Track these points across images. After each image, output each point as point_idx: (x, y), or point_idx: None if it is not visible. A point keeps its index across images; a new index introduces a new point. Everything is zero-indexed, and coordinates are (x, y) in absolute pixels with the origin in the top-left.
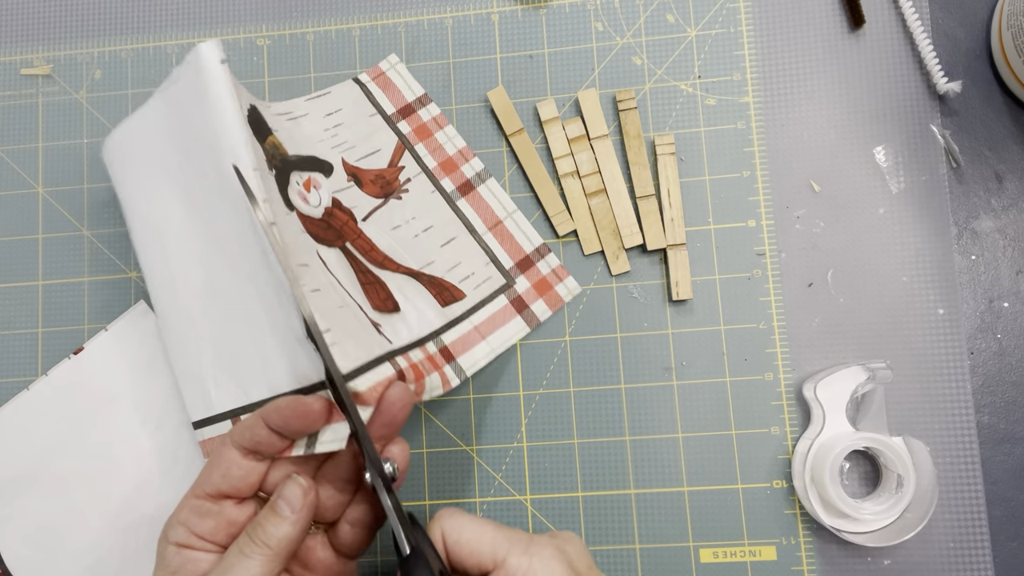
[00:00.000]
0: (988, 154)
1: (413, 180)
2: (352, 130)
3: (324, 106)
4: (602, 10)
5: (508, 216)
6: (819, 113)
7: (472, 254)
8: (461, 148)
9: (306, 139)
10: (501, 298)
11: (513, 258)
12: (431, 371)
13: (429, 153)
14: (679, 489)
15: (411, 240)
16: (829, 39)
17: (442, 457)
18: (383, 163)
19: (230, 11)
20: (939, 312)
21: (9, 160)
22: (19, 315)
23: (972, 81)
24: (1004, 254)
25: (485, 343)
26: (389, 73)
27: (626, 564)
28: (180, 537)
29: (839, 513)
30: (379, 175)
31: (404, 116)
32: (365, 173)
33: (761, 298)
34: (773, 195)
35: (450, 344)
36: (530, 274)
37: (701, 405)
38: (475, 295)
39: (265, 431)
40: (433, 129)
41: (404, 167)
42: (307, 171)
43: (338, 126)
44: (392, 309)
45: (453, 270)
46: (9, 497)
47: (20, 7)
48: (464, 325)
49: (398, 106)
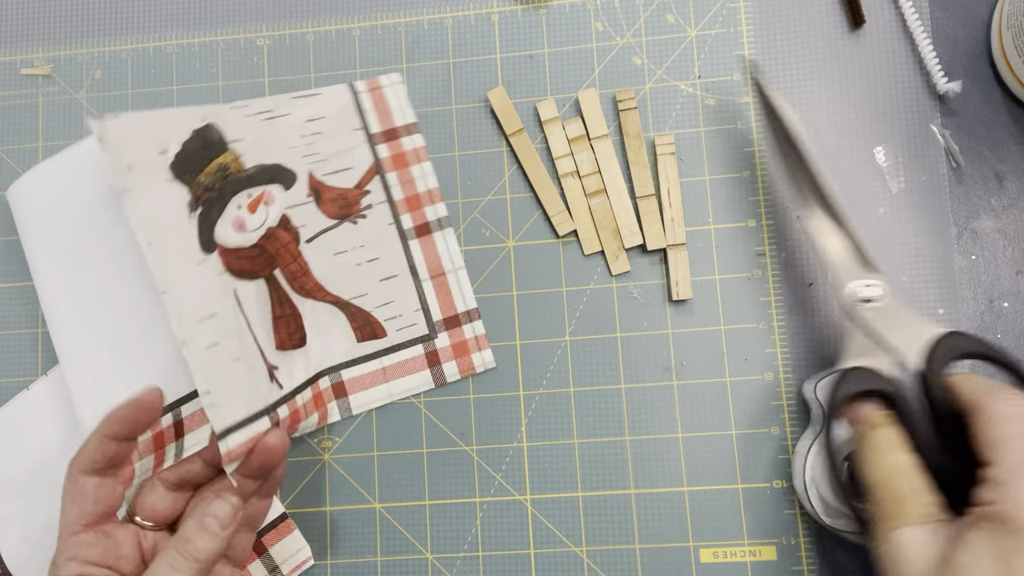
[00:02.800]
0: (988, 154)
1: (375, 208)
2: (329, 142)
3: (309, 110)
4: (602, 10)
5: (453, 271)
6: (819, 113)
7: (407, 296)
8: (432, 189)
9: (277, 143)
10: (418, 347)
11: (443, 313)
12: (311, 413)
13: (399, 184)
14: (679, 489)
15: (352, 268)
16: (829, 39)
17: (442, 457)
18: (351, 183)
19: (230, 11)
20: (939, 312)
21: (9, 160)
22: (19, 315)
23: (972, 81)
24: (1004, 254)
25: (387, 386)
26: (387, 90)
27: (626, 564)
28: (73, 571)
29: (838, 513)
30: (342, 195)
31: (387, 139)
32: (328, 190)
33: (761, 298)
34: (773, 195)
35: (348, 380)
36: (453, 334)
37: (701, 405)
38: (395, 337)
39: (112, 444)
40: (411, 161)
41: (370, 192)
42: (263, 184)
43: (316, 135)
44: (297, 344)
45: (383, 307)
46: (9, 497)
47: (20, 7)
48: (372, 364)
49: (384, 127)
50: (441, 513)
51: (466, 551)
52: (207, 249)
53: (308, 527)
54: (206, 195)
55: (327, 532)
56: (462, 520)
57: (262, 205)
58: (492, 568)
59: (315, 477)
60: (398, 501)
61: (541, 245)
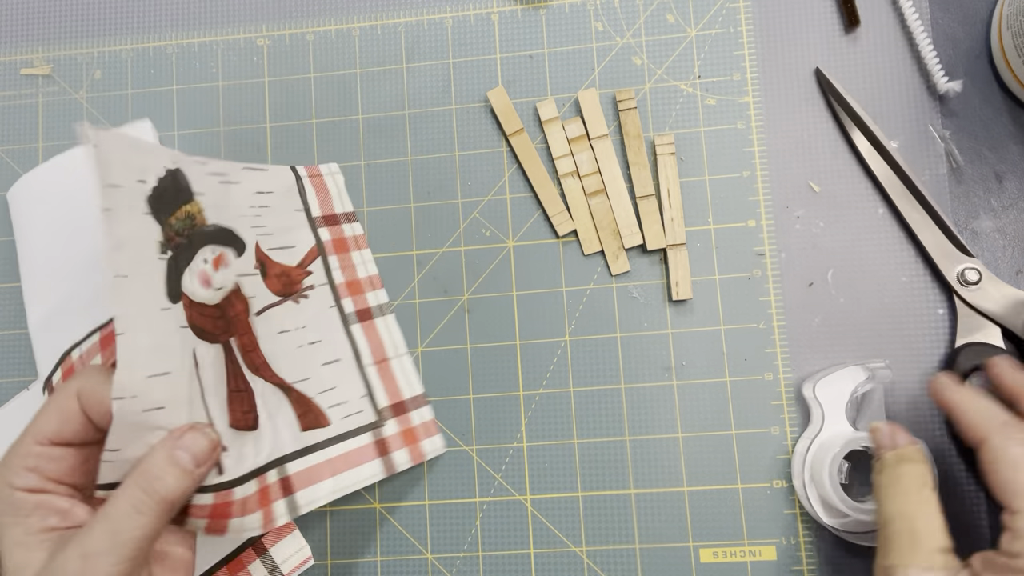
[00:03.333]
0: (988, 154)
1: (316, 289)
2: (275, 218)
3: (258, 182)
4: (602, 10)
5: (396, 357)
6: (819, 113)
7: (351, 382)
8: (372, 275)
9: (231, 208)
10: (367, 435)
11: (390, 399)
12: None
13: (340, 268)
14: (679, 489)
15: (294, 350)
16: (829, 39)
17: (442, 457)
18: (293, 260)
19: (230, 11)
20: (939, 312)
21: (9, 160)
22: (19, 315)
23: (972, 81)
24: (1004, 254)
25: (332, 480)
26: (327, 179)
27: (626, 564)
28: (32, 483)
29: (838, 513)
30: (285, 271)
31: (328, 224)
32: (273, 265)
33: (761, 298)
34: (773, 195)
35: (294, 475)
36: (402, 420)
37: (701, 405)
38: (340, 426)
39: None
40: (351, 247)
41: (312, 272)
42: (221, 245)
43: (264, 208)
44: (250, 426)
45: (326, 393)
46: None
47: (20, 7)
48: (316, 456)
49: (325, 212)
50: (441, 513)
51: (466, 551)
52: (173, 298)
53: (308, 527)
54: (177, 239)
55: (327, 532)
56: (462, 520)
57: (222, 267)
58: (492, 568)
59: None
60: (398, 501)
61: (541, 245)
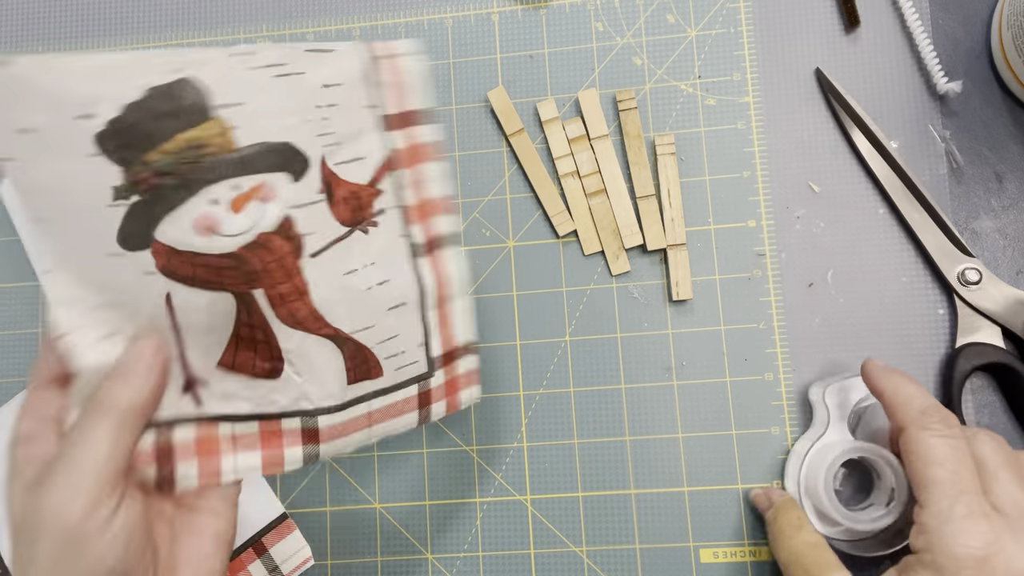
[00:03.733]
0: (988, 154)
1: (386, 213)
2: (344, 119)
3: (324, 71)
4: (602, 10)
5: (458, 296)
6: (819, 113)
7: (411, 330)
8: (445, 195)
9: (287, 113)
10: (413, 388)
11: (443, 347)
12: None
13: (412, 185)
14: (679, 489)
15: (362, 293)
16: (829, 39)
17: (442, 457)
18: (364, 177)
19: (230, 11)
20: (939, 312)
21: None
22: (19, 315)
23: (972, 81)
24: (1004, 254)
25: (367, 431)
26: (406, 60)
27: (626, 564)
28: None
29: (830, 521)
30: (354, 192)
31: (402, 125)
32: (341, 185)
33: (761, 298)
34: (773, 195)
35: (324, 428)
36: (448, 370)
37: (701, 405)
38: (391, 378)
39: None
40: (427, 156)
41: (382, 192)
42: (262, 172)
43: (331, 107)
44: (263, 374)
45: (386, 343)
46: None
47: (20, 7)
48: (356, 409)
49: (400, 108)
50: (441, 513)
51: (466, 551)
52: (129, 245)
53: (308, 527)
54: (155, 180)
55: (327, 532)
56: (462, 520)
57: (255, 202)
58: (492, 568)
59: (315, 477)
60: (398, 501)
61: (541, 245)
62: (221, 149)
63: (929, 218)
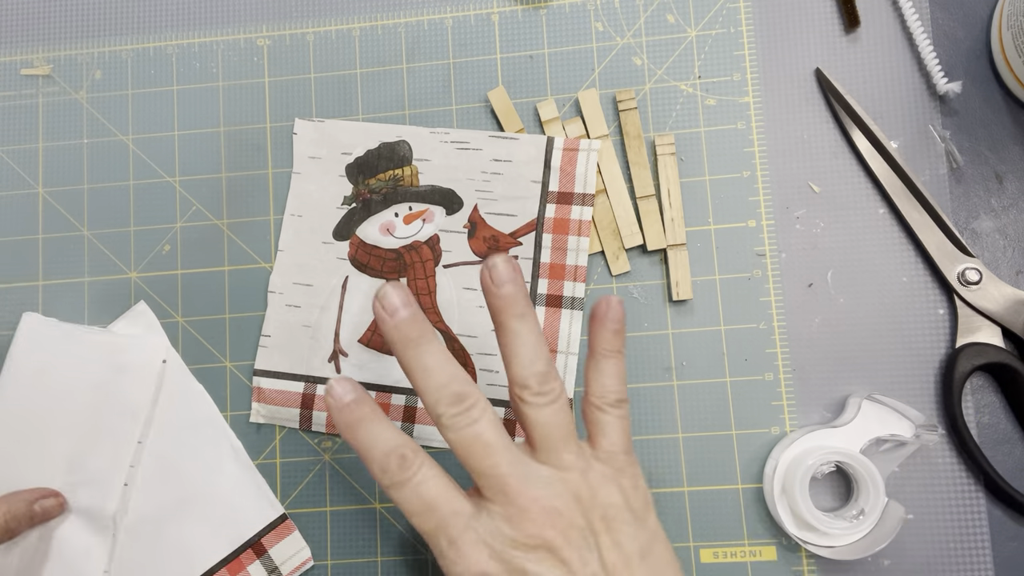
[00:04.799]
0: (988, 154)
1: (519, 261)
2: (506, 185)
3: (499, 150)
4: (602, 10)
5: (564, 353)
6: (819, 113)
7: None
8: (579, 266)
9: (459, 171)
10: (499, 410)
11: None
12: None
13: (551, 248)
14: (679, 489)
15: (473, 308)
16: (829, 39)
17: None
18: (508, 228)
19: (230, 11)
20: (939, 312)
21: (9, 160)
22: (19, 315)
23: (972, 81)
24: (1004, 254)
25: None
26: (582, 155)
27: None
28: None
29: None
30: (495, 236)
31: (559, 201)
32: (485, 228)
33: (761, 298)
34: (773, 195)
35: (421, 410)
36: None
37: (701, 405)
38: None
39: None
40: (571, 231)
41: (521, 244)
42: (428, 203)
43: (496, 175)
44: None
45: (484, 356)
46: None
47: (20, 7)
48: None
49: (560, 188)
50: None
51: None
52: (339, 237)
53: (308, 527)
54: (369, 195)
55: (327, 532)
56: None
57: (419, 220)
58: None
59: (315, 477)
60: None
61: None
62: (410, 183)
63: (929, 218)
